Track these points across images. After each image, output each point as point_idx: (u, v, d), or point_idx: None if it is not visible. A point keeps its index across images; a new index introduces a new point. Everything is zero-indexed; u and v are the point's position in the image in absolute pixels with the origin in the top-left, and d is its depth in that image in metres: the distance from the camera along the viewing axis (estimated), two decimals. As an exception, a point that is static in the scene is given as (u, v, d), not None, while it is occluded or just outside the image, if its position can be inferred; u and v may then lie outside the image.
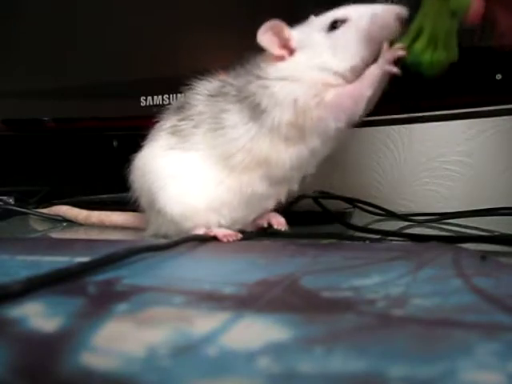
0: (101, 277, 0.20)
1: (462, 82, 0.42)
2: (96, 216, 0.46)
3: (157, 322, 0.15)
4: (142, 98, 0.51)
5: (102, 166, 0.65)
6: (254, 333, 0.14)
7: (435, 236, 0.37)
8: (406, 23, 0.32)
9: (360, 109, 0.32)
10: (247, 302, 0.17)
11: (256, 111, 0.33)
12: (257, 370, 0.12)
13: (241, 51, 0.50)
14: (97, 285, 0.19)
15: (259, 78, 0.33)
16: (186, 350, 0.13)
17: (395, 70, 0.31)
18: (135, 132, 0.53)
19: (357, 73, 0.32)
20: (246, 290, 0.19)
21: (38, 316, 0.15)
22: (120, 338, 0.13)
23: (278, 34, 0.33)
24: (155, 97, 0.50)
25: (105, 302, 0.17)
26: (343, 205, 0.51)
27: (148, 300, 0.17)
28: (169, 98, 0.49)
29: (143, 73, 0.53)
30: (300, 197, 0.40)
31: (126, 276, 0.21)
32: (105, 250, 0.24)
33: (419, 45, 0.31)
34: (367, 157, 0.65)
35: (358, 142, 0.65)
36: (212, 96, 0.36)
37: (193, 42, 0.51)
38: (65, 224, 0.48)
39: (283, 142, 0.33)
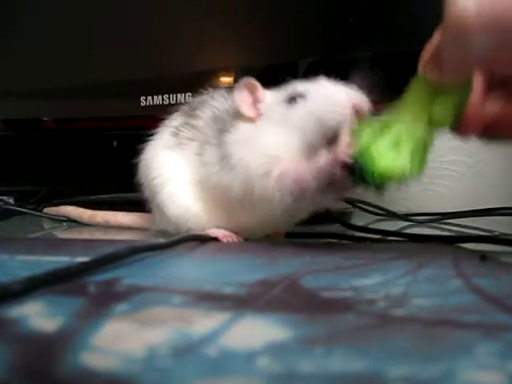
0: (101, 277, 0.20)
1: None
2: (101, 216, 0.46)
3: (157, 322, 0.15)
4: (142, 98, 0.51)
5: (101, 166, 0.65)
6: (254, 333, 0.14)
7: (435, 236, 0.37)
8: (369, 113, 0.29)
9: (306, 193, 0.29)
10: (247, 301, 0.17)
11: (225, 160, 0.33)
12: (257, 370, 0.12)
13: (240, 52, 0.50)
14: (97, 285, 0.19)
15: (228, 132, 0.33)
16: (186, 350, 0.13)
17: (339, 174, 0.27)
18: (135, 132, 0.53)
19: (311, 151, 0.30)
20: (245, 290, 0.19)
21: (38, 316, 0.15)
22: (120, 338, 0.13)
23: (252, 93, 0.33)
24: (155, 97, 0.50)
25: (105, 302, 0.17)
26: (343, 205, 0.51)
27: (148, 300, 0.17)
28: (169, 98, 0.49)
29: (143, 73, 0.53)
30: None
31: (126, 276, 0.21)
32: (105, 249, 0.24)
33: (379, 145, 0.26)
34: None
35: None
36: (215, 118, 0.35)
37: (192, 42, 0.51)
38: (65, 224, 0.48)
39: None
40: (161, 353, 0.12)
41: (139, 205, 0.47)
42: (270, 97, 0.33)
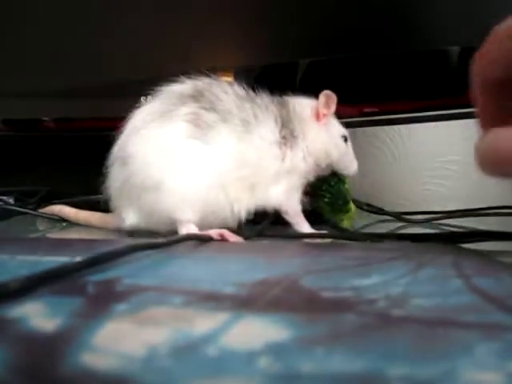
0: (100, 276, 0.20)
1: (460, 81, 0.42)
2: (83, 215, 0.46)
3: (156, 322, 0.15)
4: (143, 99, 0.51)
5: (102, 166, 0.65)
6: (254, 333, 0.14)
7: (435, 235, 0.37)
8: None
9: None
10: (247, 302, 0.17)
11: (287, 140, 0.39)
12: (257, 370, 0.12)
13: (239, 52, 0.50)
14: (96, 284, 0.19)
15: (302, 121, 0.40)
16: (186, 350, 0.13)
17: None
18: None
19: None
20: (245, 290, 0.19)
21: (38, 316, 0.15)
22: (120, 338, 0.13)
23: (332, 104, 0.40)
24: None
25: (104, 301, 0.17)
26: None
27: (147, 300, 0.17)
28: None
29: (143, 73, 0.53)
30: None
31: (126, 276, 0.21)
32: (105, 248, 0.24)
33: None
34: (366, 156, 0.65)
35: (358, 141, 0.65)
36: (241, 98, 0.38)
37: (192, 42, 0.51)
38: (64, 224, 0.48)
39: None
40: (161, 353, 0.12)
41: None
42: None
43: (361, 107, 0.51)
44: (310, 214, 0.41)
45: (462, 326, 0.15)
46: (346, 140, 0.42)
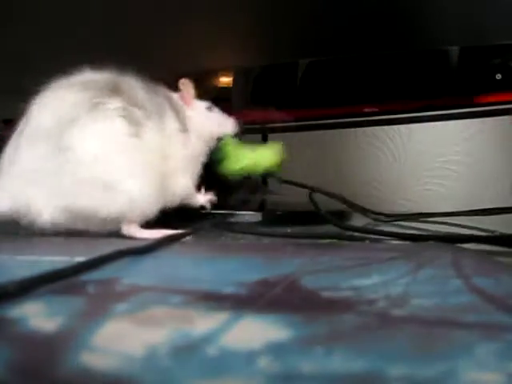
0: (100, 276, 0.20)
1: (460, 81, 0.42)
2: None
3: (156, 322, 0.15)
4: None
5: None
6: (254, 333, 0.14)
7: (434, 236, 0.37)
8: None
9: None
10: (247, 302, 0.17)
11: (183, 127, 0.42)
12: (257, 370, 0.12)
13: (238, 52, 0.50)
14: (96, 284, 0.19)
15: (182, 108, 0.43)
16: (186, 350, 0.13)
17: None
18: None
19: None
20: (245, 290, 0.19)
21: (38, 316, 0.15)
22: (120, 338, 0.13)
23: (190, 89, 0.43)
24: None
25: (104, 301, 0.17)
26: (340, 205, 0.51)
27: (147, 300, 0.17)
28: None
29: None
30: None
31: (125, 276, 0.21)
32: (105, 249, 0.24)
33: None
34: (367, 156, 0.65)
35: (358, 141, 0.65)
36: (147, 91, 0.39)
37: (191, 42, 0.51)
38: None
39: None
40: (161, 353, 0.12)
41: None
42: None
43: (361, 107, 0.51)
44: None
45: (461, 326, 0.15)
46: (211, 109, 0.45)
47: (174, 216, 0.41)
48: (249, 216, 0.41)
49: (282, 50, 0.49)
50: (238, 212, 0.36)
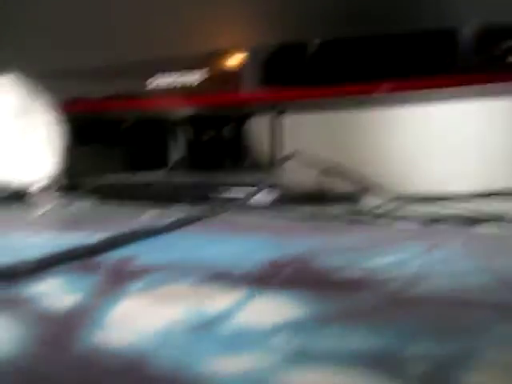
0: (114, 255, 0.21)
1: (478, 59, 0.41)
2: None
3: (171, 300, 0.15)
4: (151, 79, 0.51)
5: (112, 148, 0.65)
6: (269, 311, 0.14)
7: (449, 216, 0.37)
8: None
9: None
10: (260, 280, 0.17)
11: None
12: (273, 347, 0.12)
13: (249, 31, 0.49)
14: (110, 264, 0.19)
15: None
16: (202, 328, 0.13)
17: None
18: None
19: None
20: (258, 270, 0.19)
21: (56, 293, 0.16)
22: (136, 315, 0.14)
23: None
24: (168, 76, 0.50)
25: (119, 280, 0.17)
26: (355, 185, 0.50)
27: (161, 279, 0.17)
28: (182, 77, 0.49)
29: (152, 53, 0.52)
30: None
31: (139, 255, 0.21)
32: (118, 228, 0.24)
33: None
34: (383, 136, 0.64)
35: (375, 120, 0.64)
36: None
37: (203, 21, 0.50)
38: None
39: None
40: (177, 330, 0.13)
41: (151, 184, 0.47)
42: None
43: (378, 85, 0.50)
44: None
45: (476, 305, 0.14)
46: None
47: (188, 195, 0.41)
48: (263, 196, 0.41)
49: (293, 28, 0.48)
50: (251, 192, 0.36)
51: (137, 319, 0.13)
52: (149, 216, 0.37)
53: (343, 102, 0.54)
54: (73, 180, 0.52)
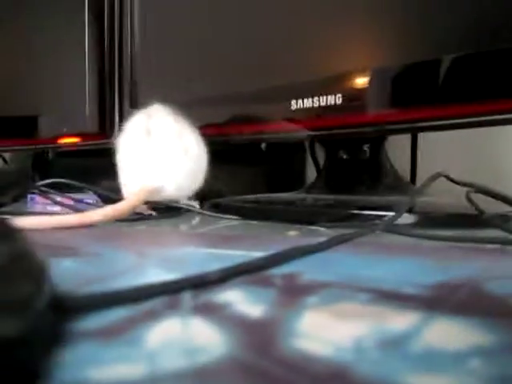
0: (280, 271, 0.22)
1: None
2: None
3: (351, 316, 0.16)
4: (293, 102, 0.53)
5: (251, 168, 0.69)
6: (455, 334, 0.14)
7: None
8: None
9: None
10: (434, 303, 0.17)
11: None
12: (468, 371, 0.12)
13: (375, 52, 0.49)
14: (281, 278, 0.21)
15: None
16: (391, 345, 0.13)
17: None
18: (284, 135, 0.56)
19: None
20: (428, 292, 0.19)
21: (242, 302, 0.17)
22: (324, 328, 0.14)
23: None
24: (305, 100, 0.52)
25: (295, 294, 0.18)
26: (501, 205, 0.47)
27: (335, 295, 0.18)
28: (319, 101, 0.50)
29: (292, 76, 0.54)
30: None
31: (304, 271, 0.22)
32: (272, 245, 0.26)
33: None
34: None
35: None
36: None
37: (337, 42, 0.51)
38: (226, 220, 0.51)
39: None
40: (368, 345, 0.13)
41: (290, 204, 0.49)
42: None
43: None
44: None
45: None
46: None
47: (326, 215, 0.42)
48: (403, 218, 0.40)
49: (421, 46, 0.46)
50: (397, 213, 0.36)
51: (324, 331, 0.14)
52: (293, 235, 0.38)
53: (483, 120, 0.50)
54: (216, 199, 0.56)
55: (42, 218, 0.39)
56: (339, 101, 0.49)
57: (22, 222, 0.36)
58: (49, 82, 0.81)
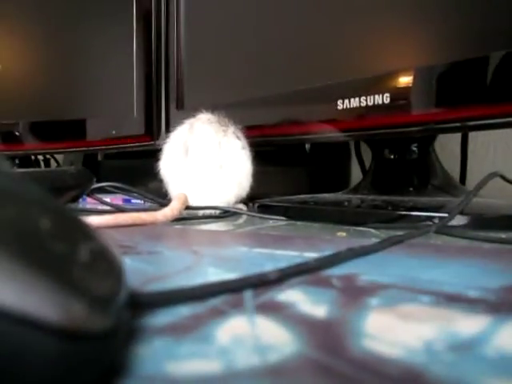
0: (337, 271, 0.22)
1: None
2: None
3: (418, 318, 0.16)
4: (339, 102, 0.52)
5: (295, 169, 0.69)
6: (529, 339, 0.14)
7: None
8: None
9: None
10: (501, 307, 0.17)
11: None
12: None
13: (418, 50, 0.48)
14: (339, 279, 0.21)
15: None
16: (464, 347, 0.13)
17: None
18: (330, 135, 0.55)
19: None
20: (493, 295, 0.18)
21: (304, 302, 0.17)
22: (391, 329, 0.14)
23: None
24: (352, 99, 0.51)
25: (355, 295, 0.18)
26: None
27: (396, 297, 0.18)
28: (366, 100, 0.50)
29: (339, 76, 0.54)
30: None
31: (361, 272, 0.22)
32: (324, 246, 0.25)
33: None
34: None
35: None
36: None
37: (385, 41, 0.51)
38: (271, 222, 0.51)
39: None
40: (439, 348, 0.13)
41: (337, 204, 0.49)
42: None
43: None
44: None
45: None
46: None
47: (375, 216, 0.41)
48: (453, 219, 0.39)
49: (467, 44, 0.45)
50: (450, 214, 0.35)
51: (392, 333, 0.14)
52: (343, 236, 0.38)
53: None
54: (262, 200, 0.57)
55: (119, 215, 0.41)
56: (387, 100, 0.49)
57: (95, 220, 0.38)
58: (98, 86, 0.84)
